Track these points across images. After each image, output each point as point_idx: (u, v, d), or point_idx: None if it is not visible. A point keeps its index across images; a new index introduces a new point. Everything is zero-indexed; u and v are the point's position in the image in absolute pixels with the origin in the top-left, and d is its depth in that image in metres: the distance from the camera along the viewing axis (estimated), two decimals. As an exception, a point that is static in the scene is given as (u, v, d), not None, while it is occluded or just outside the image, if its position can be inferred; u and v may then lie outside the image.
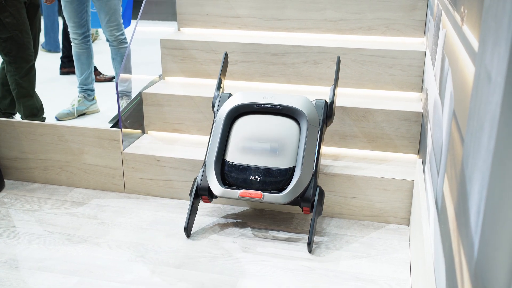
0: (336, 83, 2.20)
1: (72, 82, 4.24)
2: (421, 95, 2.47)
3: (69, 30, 3.47)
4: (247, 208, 2.35)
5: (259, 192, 2.00)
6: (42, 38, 5.81)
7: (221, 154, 2.11)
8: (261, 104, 2.15)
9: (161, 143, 2.55)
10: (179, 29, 2.95)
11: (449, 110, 1.37)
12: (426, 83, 2.22)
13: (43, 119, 3.14)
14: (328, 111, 2.16)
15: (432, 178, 1.63)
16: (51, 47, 5.50)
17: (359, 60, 2.52)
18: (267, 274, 1.89)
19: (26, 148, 2.59)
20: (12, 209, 2.35)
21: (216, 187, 2.04)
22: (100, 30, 5.92)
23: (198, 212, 2.30)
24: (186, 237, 2.11)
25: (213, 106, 2.26)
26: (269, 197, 1.99)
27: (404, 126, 2.35)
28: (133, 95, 2.97)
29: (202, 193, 2.09)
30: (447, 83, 1.47)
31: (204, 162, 2.12)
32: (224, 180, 2.09)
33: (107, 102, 3.80)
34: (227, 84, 2.70)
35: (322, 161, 2.33)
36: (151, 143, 2.55)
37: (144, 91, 2.61)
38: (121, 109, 2.56)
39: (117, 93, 2.52)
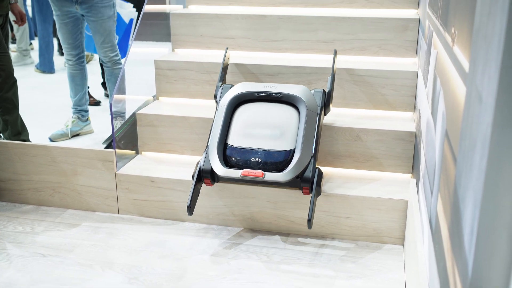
0: (333, 74, 2.30)
1: (66, 103, 4.24)
2: (414, 115, 2.49)
3: (63, 51, 3.48)
4: (241, 229, 2.34)
5: (260, 171, 2.04)
6: (36, 59, 5.83)
7: (224, 138, 2.16)
8: (262, 92, 2.23)
9: (155, 164, 2.54)
10: (173, 50, 2.96)
11: (442, 130, 1.38)
12: (419, 103, 2.24)
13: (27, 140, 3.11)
14: (326, 100, 2.25)
15: (426, 198, 1.64)
16: (45, 68, 5.51)
17: (352, 80, 2.54)
18: (261, 296, 1.87)
19: (19, 169, 2.57)
20: (4, 231, 2.33)
21: (218, 168, 2.08)
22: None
23: (192, 233, 2.29)
24: (189, 215, 2.10)
25: (215, 96, 2.35)
26: (270, 176, 2.03)
27: (398, 146, 2.36)
28: (127, 115, 2.97)
29: (205, 175, 2.13)
30: (439, 103, 1.48)
31: (207, 146, 2.16)
32: (227, 163, 2.13)
33: (101, 123, 3.80)
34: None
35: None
36: (145, 163, 2.55)
37: (138, 112, 2.61)
38: (115, 130, 2.56)
39: (111, 114, 2.52)
